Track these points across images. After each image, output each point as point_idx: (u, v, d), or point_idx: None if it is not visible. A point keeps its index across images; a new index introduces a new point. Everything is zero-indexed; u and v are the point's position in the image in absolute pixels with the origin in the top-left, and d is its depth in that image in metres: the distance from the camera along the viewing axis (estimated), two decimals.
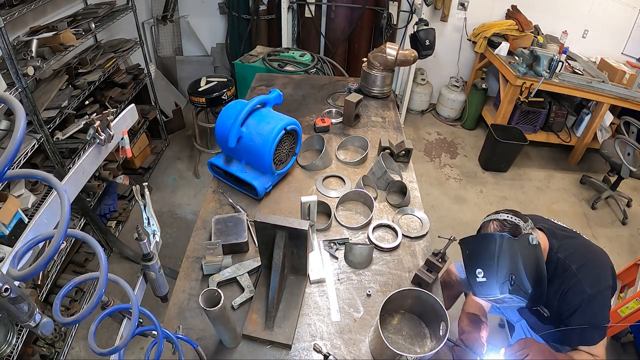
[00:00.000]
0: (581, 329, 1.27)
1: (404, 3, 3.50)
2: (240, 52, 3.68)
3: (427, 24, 3.19)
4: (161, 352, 0.85)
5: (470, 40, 3.95)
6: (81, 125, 2.27)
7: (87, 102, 2.52)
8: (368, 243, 1.42)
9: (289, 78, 2.55)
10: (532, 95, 3.25)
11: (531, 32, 3.62)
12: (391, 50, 2.14)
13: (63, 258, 2.13)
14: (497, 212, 1.34)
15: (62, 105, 2.14)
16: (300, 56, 3.18)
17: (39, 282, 1.88)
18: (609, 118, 3.53)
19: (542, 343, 1.38)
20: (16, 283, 0.60)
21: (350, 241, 1.42)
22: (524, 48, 3.31)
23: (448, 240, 1.29)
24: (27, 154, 1.87)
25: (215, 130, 1.58)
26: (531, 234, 1.25)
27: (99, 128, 1.26)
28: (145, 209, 1.23)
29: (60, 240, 0.54)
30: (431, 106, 4.46)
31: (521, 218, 1.29)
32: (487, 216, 1.37)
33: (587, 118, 3.60)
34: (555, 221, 1.52)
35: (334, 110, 2.15)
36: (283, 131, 1.51)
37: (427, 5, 3.32)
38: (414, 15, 3.34)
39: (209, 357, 1.08)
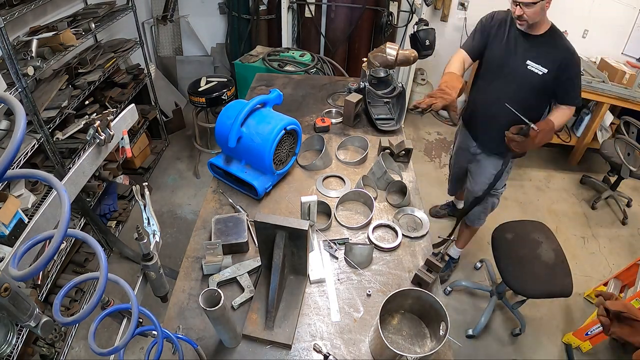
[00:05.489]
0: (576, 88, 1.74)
1: (404, 3, 3.50)
2: (240, 52, 3.67)
3: (427, 24, 3.19)
4: (161, 352, 0.85)
5: None
6: (81, 125, 2.27)
7: (87, 102, 2.52)
8: (368, 243, 1.42)
9: (289, 78, 2.55)
10: None
11: None
12: (391, 50, 2.14)
13: (63, 258, 2.13)
14: None
15: (62, 105, 2.14)
16: (300, 56, 3.18)
17: (39, 282, 1.88)
18: (609, 118, 3.53)
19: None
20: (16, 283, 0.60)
21: (350, 241, 1.42)
22: None
23: (449, 240, 1.29)
24: (27, 154, 1.87)
25: (215, 130, 1.58)
26: None
27: (99, 128, 1.26)
28: (145, 209, 1.23)
29: (60, 240, 0.54)
30: None
31: None
32: None
33: (587, 118, 3.59)
34: None
35: (334, 110, 2.15)
36: (283, 131, 1.51)
37: (427, 5, 3.32)
38: (414, 15, 3.34)
39: (209, 357, 1.08)
